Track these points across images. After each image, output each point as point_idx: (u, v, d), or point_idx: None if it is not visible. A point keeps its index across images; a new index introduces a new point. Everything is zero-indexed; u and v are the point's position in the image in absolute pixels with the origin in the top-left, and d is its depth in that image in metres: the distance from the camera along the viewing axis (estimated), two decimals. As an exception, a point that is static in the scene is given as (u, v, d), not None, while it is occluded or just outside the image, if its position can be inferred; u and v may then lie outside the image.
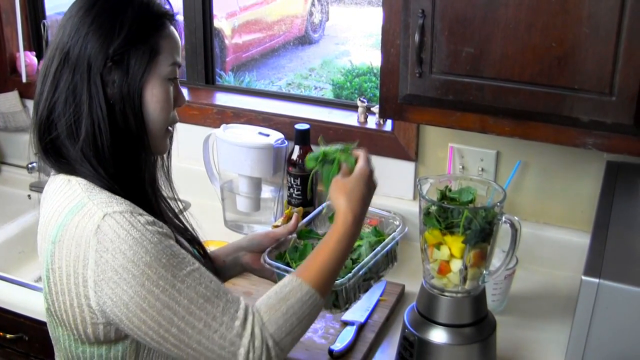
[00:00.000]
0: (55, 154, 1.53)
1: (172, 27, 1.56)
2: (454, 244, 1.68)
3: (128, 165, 1.52)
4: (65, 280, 1.43)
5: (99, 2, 1.49)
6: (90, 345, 1.49)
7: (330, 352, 1.87)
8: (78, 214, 1.43)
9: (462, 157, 2.35)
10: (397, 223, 1.91)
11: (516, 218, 1.69)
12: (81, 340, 1.49)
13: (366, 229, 1.91)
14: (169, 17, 1.56)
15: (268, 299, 1.51)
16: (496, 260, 1.80)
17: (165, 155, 1.68)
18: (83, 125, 1.47)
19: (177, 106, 1.60)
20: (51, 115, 1.50)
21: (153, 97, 1.51)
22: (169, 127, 1.60)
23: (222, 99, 2.78)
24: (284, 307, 1.49)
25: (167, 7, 1.57)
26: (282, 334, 1.47)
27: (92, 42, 1.46)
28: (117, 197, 1.45)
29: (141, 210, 1.44)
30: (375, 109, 2.47)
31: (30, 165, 2.77)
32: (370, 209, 1.67)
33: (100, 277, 1.38)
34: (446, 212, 1.67)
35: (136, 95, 1.49)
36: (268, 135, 2.47)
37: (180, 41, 1.59)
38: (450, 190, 1.74)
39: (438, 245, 1.70)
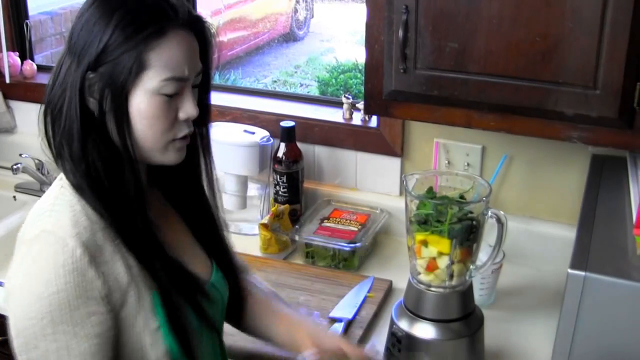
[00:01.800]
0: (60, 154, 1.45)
1: (176, 34, 1.38)
2: (442, 242, 1.68)
3: (111, 175, 1.43)
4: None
5: None
6: None
7: (319, 349, 1.86)
8: (34, 219, 1.41)
9: (448, 152, 2.35)
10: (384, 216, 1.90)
11: (502, 212, 1.69)
12: None
13: None
14: (175, 20, 1.38)
15: None
16: (483, 254, 1.81)
17: (206, 166, 1.60)
18: (63, 122, 1.41)
19: (184, 119, 1.43)
20: (47, 107, 1.44)
21: (139, 110, 1.39)
22: (176, 139, 1.44)
23: (207, 97, 2.77)
24: None
25: (174, 7, 1.39)
26: None
27: (90, 35, 1.36)
28: (79, 217, 1.38)
29: (84, 241, 1.35)
30: (361, 105, 2.46)
31: (15, 167, 2.75)
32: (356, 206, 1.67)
33: (9, 280, 1.38)
34: (430, 216, 1.67)
35: (121, 105, 1.38)
36: (253, 133, 2.47)
37: (197, 48, 1.43)
38: (435, 195, 1.73)
39: (426, 243, 1.70)
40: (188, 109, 1.43)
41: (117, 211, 1.42)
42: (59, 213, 1.39)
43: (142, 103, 1.38)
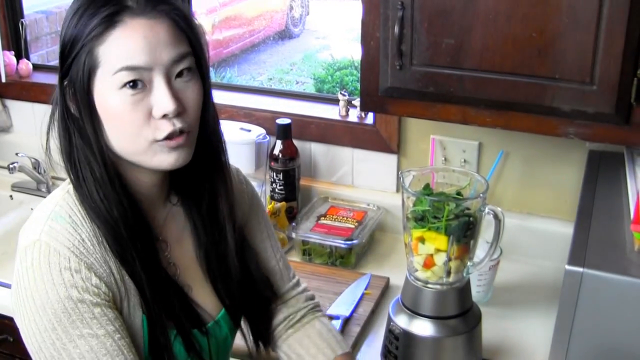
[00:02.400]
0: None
1: (130, 24, 1.28)
2: (439, 238, 1.67)
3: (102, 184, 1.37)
4: None
5: None
6: None
7: (316, 346, 1.86)
8: (32, 224, 1.37)
9: (444, 149, 2.35)
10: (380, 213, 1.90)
11: (499, 209, 1.69)
12: None
13: None
14: (128, 10, 1.29)
15: None
16: (480, 251, 1.80)
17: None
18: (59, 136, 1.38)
19: (160, 116, 1.31)
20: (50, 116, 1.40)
21: (105, 112, 1.32)
22: (159, 140, 1.33)
23: (203, 95, 2.77)
24: None
25: None
26: None
27: (66, 27, 1.32)
28: (77, 226, 1.35)
29: (78, 252, 1.32)
30: (357, 102, 2.46)
31: (11, 166, 2.75)
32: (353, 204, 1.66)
33: (14, 291, 1.35)
34: (427, 212, 1.67)
35: (87, 97, 1.32)
36: (249, 131, 2.47)
37: (165, 34, 1.30)
38: (431, 192, 1.73)
39: (423, 240, 1.70)
40: (161, 103, 1.30)
41: (114, 222, 1.36)
42: (55, 222, 1.36)
43: (105, 102, 1.30)
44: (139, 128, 1.31)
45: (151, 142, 1.32)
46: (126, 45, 1.28)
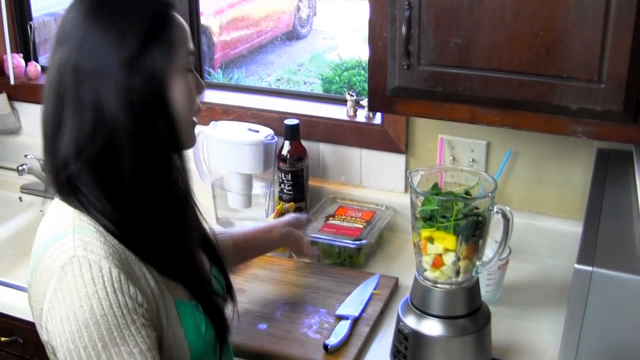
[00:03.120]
0: (72, 189, 1.42)
1: (178, 15, 1.48)
2: (447, 238, 1.67)
3: (156, 181, 1.44)
4: (35, 299, 1.42)
5: (101, 6, 1.39)
6: None
7: (325, 346, 1.86)
8: (56, 243, 1.37)
9: (453, 149, 2.35)
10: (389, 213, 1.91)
11: (508, 208, 1.69)
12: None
13: None
14: (172, 6, 1.47)
15: None
16: (489, 250, 1.80)
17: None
18: (101, 147, 1.38)
19: (199, 93, 1.53)
20: (57, 140, 1.40)
21: (177, 92, 1.44)
22: (194, 118, 1.52)
23: (211, 96, 2.77)
24: None
25: None
26: None
27: (103, 51, 1.35)
28: (105, 235, 1.38)
29: (116, 261, 1.35)
30: (365, 102, 2.46)
31: (20, 168, 2.76)
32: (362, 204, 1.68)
33: (49, 313, 1.34)
34: (435, 212, 1.67)
35: (164, 95, 1.42)
36: (257, 132, 2.47)
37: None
38: (440, 191, 1.73)
39: (431, 239, 1.70)
40: (198, 83, 1.51)
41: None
42: (83, 234, 1.37)
43: (179, 83, 1.45)
44: (194, 105, 1.51)
45: (192, 120, 1.51)
46: (186, 31, 1.50)
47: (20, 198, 2.91)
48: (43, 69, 3.05)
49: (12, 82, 2.95)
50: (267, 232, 2.11)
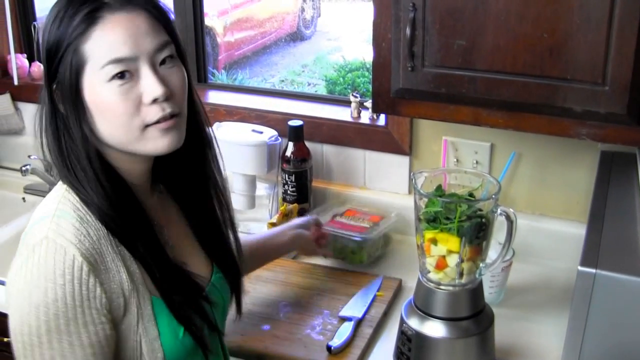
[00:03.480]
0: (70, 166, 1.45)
1: (111, 19, 1.35)
2: (451, 239, 1.67)
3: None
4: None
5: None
6: None
7: (329, 348, 1.87)
8: (38, 224, 1.40)
9: (456, 150, 2.35)
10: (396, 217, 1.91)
11: (512, 210, 1.69)
12: None
13: None
14: (107, 6, 1.36)
15: None
16: (492, 252, 1.80)
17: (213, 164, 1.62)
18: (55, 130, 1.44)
19: (150, 101, 1.37)
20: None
21: (96, 107, 1.37)
22: (150, 125, 1.39)
23: (215, 97, 2.78)
24: None
25: None
26: None
27: (50, 33, 1.38)
28: (86, 222, 1.38)
29: (85, 250, 1.35)
30: (369, 103, 2.46)
31: (24, 168, 2.76)
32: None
33: (10, 285, 1.38)
34: (439, 214, 1.67)
35: (75, 108, 1.38)
36: (261, 133, 2.47)
37: (147, 24, 1.38)
38: (443, 193, 1.73)
39: (435, 241, 1.70)
40: (150, 89, 1.37)
41: (115, 214, 1.41)
42: (61, 219, 1.38)
43: (96, 96, 1.36)
44: (131, 116, 1.37)
45: (143, 128, 1.39)
46: (109, 39, 1.35)
47: (23, 198, 2.91)
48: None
49: (15, 82, 2.95)
50: (278, 236, 2.11)
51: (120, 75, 1.35)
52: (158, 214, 1.57)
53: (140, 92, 1.37)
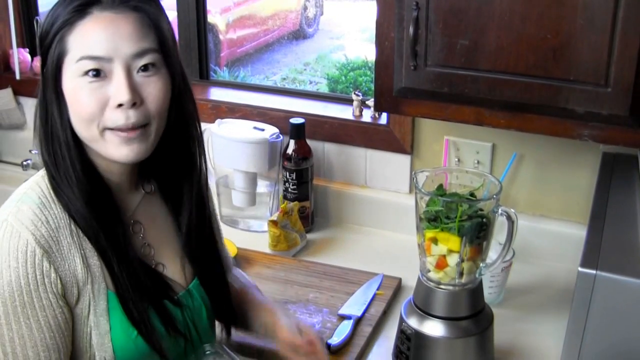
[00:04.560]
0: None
1: (98, 16, 1.36)
2: (451, 239, 1.67)
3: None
4: None
5: None
6: None
7: (328, 346, 1.86)
8: (4, 207, 1.42)
9: (458, 150, 2.35)
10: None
11: (512, 210, 1.69)
12: None
13: None
14: (98, 3, 1.37)
15: None
16: (493, 252, 1.80)
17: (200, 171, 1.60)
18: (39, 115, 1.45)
19: (115, 105, 1.36)
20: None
21: (68, 97, 1.38)
22: (108, 129, 1.39)
23: (217, 94, 2.78)
24: None
25: None
26: None
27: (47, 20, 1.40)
28: (49, 209, 1.40)
29: (39, 236, 1.36)
30: (371, 102, 2.46)
31: (25, 163, 2.76)
32: None
33: None
34: (440, 213, 1.67)
35: (54, 95, 1.40)
36: (263, 130, 2.47)
37: (133, 27, 1.37)
38: (444, 192, 1.73)
39: (435, 240, 1.70)
40: (117, 93, 1.35)
41: (81, 205, 1.42)
42: (24, 204, 1.40)
43: (68, 87, 1.38)
44: (93, 115, 1.37)
45: (102, 130, 1.38)
46: (88, 36, 1.35)
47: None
48: (49, 64, 3.04)
49: (17, 77, 2.95)
50: (277, 324, 1.69)
51: (95, 72, 1.35)
52: (140, 213, 1.57)
53: (108, 94, 1.36)
